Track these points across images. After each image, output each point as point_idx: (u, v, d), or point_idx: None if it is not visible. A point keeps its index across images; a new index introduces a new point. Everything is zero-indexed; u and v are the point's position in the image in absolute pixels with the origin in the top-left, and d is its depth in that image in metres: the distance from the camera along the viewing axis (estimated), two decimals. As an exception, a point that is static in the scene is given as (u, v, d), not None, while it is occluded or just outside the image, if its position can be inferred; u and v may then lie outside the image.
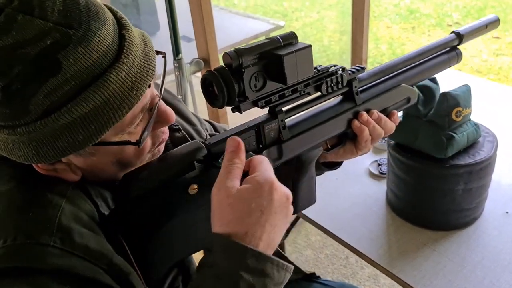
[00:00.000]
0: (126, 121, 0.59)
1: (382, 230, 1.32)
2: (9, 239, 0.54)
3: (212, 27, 1.77)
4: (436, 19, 4.96)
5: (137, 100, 0.57)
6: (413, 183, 1.25)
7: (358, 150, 0.86)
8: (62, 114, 0.53)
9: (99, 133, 0.56)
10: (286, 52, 0.64)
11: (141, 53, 0.59)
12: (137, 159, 0.67)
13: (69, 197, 0.60)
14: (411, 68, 0.90)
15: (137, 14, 2.58)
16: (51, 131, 0.54)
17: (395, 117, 0.87)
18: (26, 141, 0.55)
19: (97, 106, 0.54)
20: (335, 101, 0.82)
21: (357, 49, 2.29)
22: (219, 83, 0.62)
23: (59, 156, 0.57)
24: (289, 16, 5.42)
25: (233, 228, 0.55)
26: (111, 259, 0.58)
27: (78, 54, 0.52)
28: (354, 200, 1.44)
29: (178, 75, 1.63)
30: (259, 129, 0.71)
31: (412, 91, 0.90)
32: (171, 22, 1.56)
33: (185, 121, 0.90)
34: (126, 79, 0.55)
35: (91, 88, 0.53)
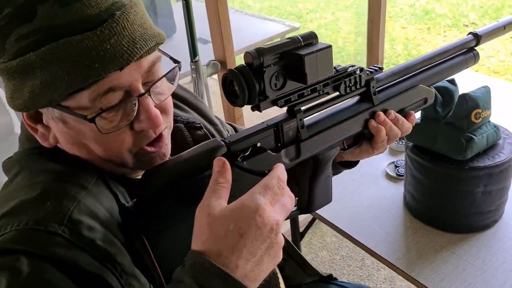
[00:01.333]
0: (85, 95, 0.59)
1: (399, 233, 1.31)
2: (22, 223, 0.56)
3: (228, 29, 1.78)
4: (452, 20, 4.91)
5: (96, 76, 0.57)
6: (431, 185, 1.25)
7: (374, 149, 0.86)
8: (25, 60, 0.58)
9: (54, 92, 0.58)
10: (307, 52, 0.64)
11: (127, 37, 0.59)
12: (110, 148, 0.65)
13: (90, 189, 0.62)
14: (428, 68, 0.90)
15: (155, 17, 2.61)
16: (18, 75, 0.59)
17: (412, 117, 0.87)
18: (7, 80, 0.62)
19: (53, 63, 0.57)
20: (353, 101, 0.82)
21: (373, 50, 2.28)
22: (240, 82, 0.62)
23: (24, 107, 0.61)
24: (303, 17, 5.41)
25: (207, 246, 0.52)
26: (115, 258, 0.59)
27: (54, 11, 0.56)
28: (371, 202, 1.43)
29: (195, 77, 1.64)
30: (278, 128, 0.71)
31: (430, 92, 0.90)
32: (188, 24, 1.57)
33: (207, 121, 0.92)
34: (91, 49, 0.56)
35: (54, 44, 0.56)
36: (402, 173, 1.49)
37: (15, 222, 0.57)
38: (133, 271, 0.61)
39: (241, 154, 0.68)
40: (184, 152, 0.68)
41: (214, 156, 0.65)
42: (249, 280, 0.52)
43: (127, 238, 0.62)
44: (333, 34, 4.98)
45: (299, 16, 5.47)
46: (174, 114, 0.86)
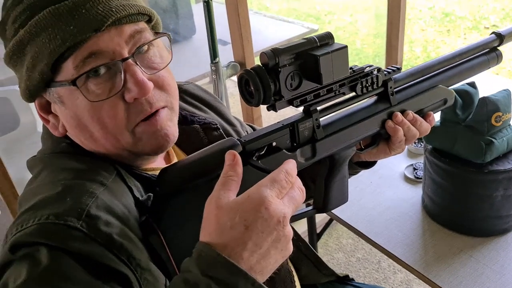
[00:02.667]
0: (69, 62, 0.63)
1: (417, 235, 1.31)
2: (43, 218, 0.59)
3: (248, 30, 1.79)
4: (472, 22, 4.85)
5: (73, 38, 0.61)
6: (450, 189, 1.24)
7: (391, 150, 0.85)
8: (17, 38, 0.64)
9: (40, 62, 0.63)
10: (322, 52, 0.65)
11: (103, 4, 0.63)
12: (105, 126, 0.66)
13: (108, 186, 0.64)
14: (449, 69, 0.90)
15: (176, 18, 2.64)
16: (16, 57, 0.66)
17: (431, 118, 0.87)
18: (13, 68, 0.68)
19: (37, 33, 0.62)
20: (370, 101, 0.82)
21: (392, 52, 2.27)
22: (256, 82, 0.64)
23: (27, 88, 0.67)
24: (321, 19, 5.41)
25: (213, 238, 0.52)
26: (131, 252, 0.61)
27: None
28: (389, 204, 1.43)
29: (215, 78, 1.66)
30: (293, 127, 0.72)
31: (449, 93, 0.90)
32: (209, 26, 1.59)
33: (226, 122, 0.93)
34: (67, 14, 0.61)
35: (37, 17, 0.62)
36: (420, 176, 1.49)
37: (37, 216, 0.59)
38: (148, 266, 0.62)
39: (256, 153, 0.69)
40: (200, 150, 0.69)
41: None
42: (255, 272, 0.52)
43: (143, 233, 0.64)
44: (351, 36, 4.97)
45: (317, 18, 5.47)
46: (192, 113, 0.88)
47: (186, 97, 0.93)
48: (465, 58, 0.91)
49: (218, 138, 0.87)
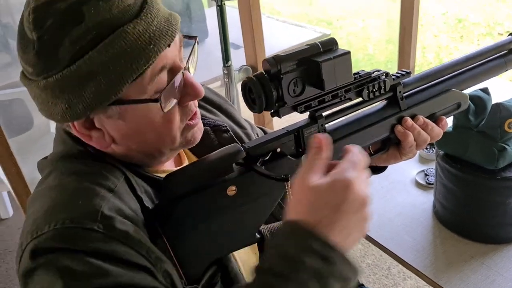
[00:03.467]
0: (146, 78, 0.63)
1: (428, 241, 1.30)
2: (59, 223, 0.59)
3: (261, 35, 1.81)
4: (486, 28, 4.82)
5: (154, 55, 0.61)
6: (462, 195, 1.24)
7: (402, 155, 0.85)
8: (85, 61, 0.60)
9: (119, 84, 0.60)
10: (324, 58, 0.65)
11: (163, 18, 0.64)
12: (166, 131, 0.69)
13: (116, 191, 0.65)
14: (463, 72, 0.88)
15: (190, 22, 2.66)
16: (77, 80, 0.60)
17: (443, 123, 0.85)
18: (59, 93, 0.62)
19: (116, 54, 0.60)
20: (379, 105, 0.81)
21: (405, 58, 2.27)
22: (258, 89, 0.64)
23: (88, 109, 0.62)
24: (333, 24, 5.41)
25: (306, 217, 0.56)
26: (149, 247, 0.62)
27: (99, 7, 0.59)
28: (399, 210, 1.43)
29: (227, 81, 1.67)
30: (298, 133, 0.72)
31: (463, 96, 0.88)
32: (222, 30, 1.61)
33: (236, 124, 0.94)
34: (144, 33, 0.61)
35: (111, 37, 0.60)
36: (432, 182, 1.48)
37: (52, 222, 0.60)
38: (164, 258, 0.64)
39: (261, 159, 0.69)
40: (204, 157, 0.71)
41: (233, 161, 0.67)
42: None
43: (150, 237, 0.65)
44: (363, 41, 4.95)
45: (329, 23, 5.47)
46: (203, 116, 0.88)
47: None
48: (480, 60, 0.89)
49: (228, 140, 0.87)
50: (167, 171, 0.77)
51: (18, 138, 2.33)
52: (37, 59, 0.61)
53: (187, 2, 2.68)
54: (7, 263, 2.53)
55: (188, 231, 0.66)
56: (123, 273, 0.58)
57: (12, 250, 2.60)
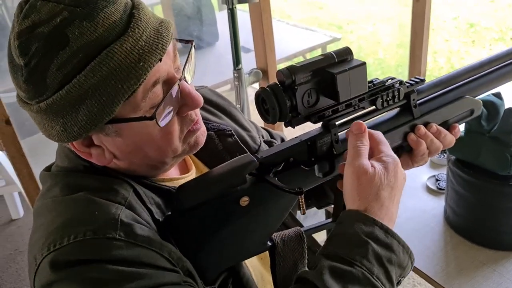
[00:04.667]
0: (138, 95, 0.60)
1: (439, 247, 1.29)
2: (80, 235, 0.59)
3: (271, 38, 1.81)
4: (498, 33, 4.78)
5: (145, 72, 0.58)
6: (474, 200, 1.22)
7: (414, 162, 0.83)
8: (74, 85, 0.57)
9: (111, 105, 0.58)
10: (339, 70, 0.64)
11: (152, 30, 0.60)
12: (166, 144, 0.68)
13: (128, 204, 0.65)
14: (476, 78, 0.86)
15: (200, 25, 2.68)
16: (69, 104, 0.59)
17: (456, 130, 0.84)
18: (53, 116, 0.61)
19: (104, 76, 0.57)
20: (392, 113, 0.80)
21: (415, 62, 2.26)
22: (272, 100, 0.63)
23: (83, 132, 0.61)
24: (343, 28, 5.40)
25: (369, 203, 0.62)
26: (171, 248, 0.63)
27: (84, 28, 0.57)
28: (410, 215, 1.42)
29: (237, 84, 1.67)
30: (311, 142, 0.71)
31: (476, 103, 0.86)
32: (233, 34, 1.61)
33: (240, 127, 0.93)
34: (132, 50, 0.58)
35: (98, 59, 0.57)
36: (443, 187, 1.47)
37: (71, 234, 0.59)
38: (185, 258, 0.64)
39: (273, 169, 0.69)
40: (217, 168, 0.70)
41: (246, 172, 0.67)
42: (392, 221, 0.65)
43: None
44: (373, 45, 4.94)
45: (339, 27, 5.46)
46: (206, 120, 0.87)
47: None
48: (494, 66, 0.87)
49: (232, 145, 0.87)
50: (174, 179, 0.77)
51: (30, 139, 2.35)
52: (26, 85, 0.60)
53: (198, 5, 2.70)
54: (17, 263, 2.55)
55: (201, 241, 0.66)
56: (151, 275, 0.58)
57: (23, 250, 2.63)
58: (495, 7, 5.24)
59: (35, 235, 0.65)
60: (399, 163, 0.65)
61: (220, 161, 0.86)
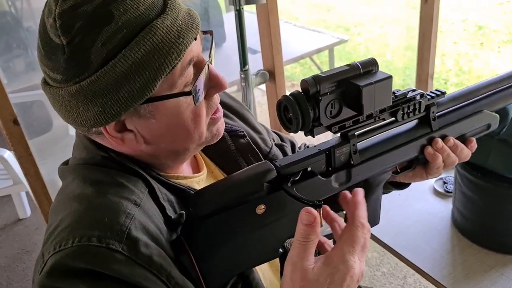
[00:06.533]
0: (176, 72, 0.63)
1: (446, 250, 1.28)
2: (84, 239, 0.59)
3: (278, 40, 1.81)
4: (507, 35, 4.75)
5: (184, 48, 0.61)
6: (482, 204, 1.21)
7: (428, 175, 0.83)
8: (118, 60, 0.59)
9: (153, 80, 0.60)
10: (365, 83, 0.63)
11: (185, 13, 0.64)
12: (195, 127, 0.69)
13: (142, 206, 0.64)
14: (495, 92, 0.85)
15: (208, 26, 2.69)
16: (111, 81, 0.59)
17: (473, 144, 0.83)
18: (92, 97, 0.60)
19: (148, 51, 0.59)
20: (410, 125, 0.79)
21: (423, 64, 2.24)
22: (295, 109, 0.62)
23: (123, 109, 0.61)
24: (351, 30, 5.39)
25: None
26: (170, 272, 0.61)
27: (127, 5, 0.59)
28: (417, 218, 1.41)
29: (244, 85, 1.67)
30: (330, 152, 0.71)
31: (494, 117, 0.85)
32: (240, 34, 1.61)
33: (252, 130, 0.93)
34: (172, 27, 0.61)
35: (142, 34, 0.59)
36: (450, 190, 1.46)
37: (76, 237, 0.59)
38: (185, 283, 0.63)
39: (291, 178, 0.68)
40: (235, 173, 0.69)
41: (264, 180, 0.66)
42: None
43: (174, 252, 0.65)
44: (381, 47, 4.93)
45: (346, 29, 5.46)
46: None
47: None
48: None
49: (245, 146, 0.87)
50: (187, 177, 0.77)
51: (38, 139, 2.37)
52: (67, 64, 0.60)
53: (205, 6, 2.70)
54: (24, 263, 2.56)
55: (215, 247, 0.66)
56: None
57: (30, 250, 2.64)
58: (504, 10, 5.21)
59: (49, 231, 0.65)
60: (352, 271, 0.59)
61: (231, 162, 0.86)
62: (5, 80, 2.07)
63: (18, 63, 2.46)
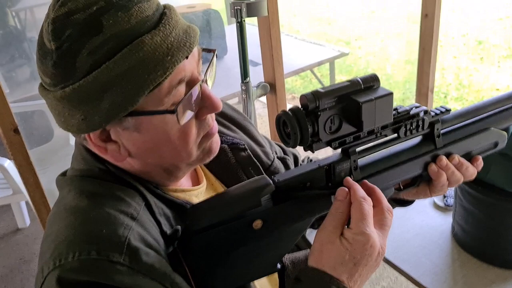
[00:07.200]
0: (163, 90, 0.61)
1: (446, 265, 1.27)
2: (84, 253, 0.58)
3: (279, 52, 1.82)
4: (506, 50, 4.78)
5: (171, 66, 0.60)
6: (482, 218, 1.21)
7: (432, 192, 0.81)
8: (102, 71, 0.59)
9: (136, 94, 0.59)
10: (365, 99, 0.62)
11: (181, 30, 0.63)
12: (182, 145, 0.68)
13: (139, 219, 0.64)
14: (503, 110, 0.83)
15: (209, 38, 2.71)
16: (94, 90, 0.59)
17: (479, 163, 0.81)
18: (76, 103, 0.61)
19: (133, 64, 0.59)
20: (414, 141, 0.78)
21: (423, 78, 2.25)
22: (293, 124, 0.62)
23: (104, 120, 0.61)
24: (351, 44, 5.42)
25: (326, 270, 0.62)
26: (174, 279, 0.61)
27: (118, 17, 0.59)
28: (417, 231, 1.40)
29: (245, 97, 1.68)
30: (330, 168, 0.70)
31: (501, 135, 0.84)
32: (241, 46, 1.62)
33: (254, 142, 0.92)
34: (161, 44, 0.60)
35: (129, 47, 0.59)
36: (450, 204, 1.46)
37: (76, 251, 0.59)
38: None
39: (290, 194, 0.68)
40: (232, 187, 0.69)
41: (262, 195, 0.65)
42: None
43: (171, 264, 0.64)
44: (381, 61, 4.96)
45: (347, 43, 5.49)
46: (221, 133, 0.86)
47: (216, 116, 0.93)
48: None
49: (245, 159, 0.86)
50: (186, 190, 0.77)
51: (38, 149, 2.37)
52: (55, 69, 0.60)
53: (207, 18, 2.72)
54: (22, 273, 2.55)
55: (211, 262, 0.65)
56: None
57: (28, 260, 2.63)
58: (504, 25, 5.25)
59: (46, 243, 0.64)
60: (371, 240, 0.62)
61: (232, 175, 0.86)
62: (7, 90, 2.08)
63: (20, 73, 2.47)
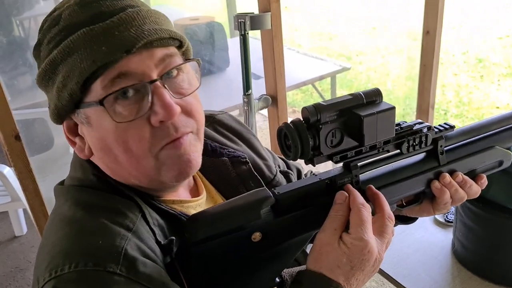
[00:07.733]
0: (101, 82, 0.62)
1: (446, 281, 1.26)
2: (80, 264, 0.58)
3: (282, 66, 1.83)
4: (506, 69, 4.81)
5: (104, 58, 0.61)
6: (484, 235, 1.20)
7: (435, 210, 0.80)
8: (50, 59, 0.64)
9: (75, 83, 0.63)
10: (367, 113, 0.62)
11: (135, 27, 0.63)
12: (121, 149, 0.65)
13: (135, 231, 0.64)
14: (508, 128, 0.83)
15: (212, 50, 2.73)
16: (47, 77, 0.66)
17: (483, 181, 0.81)
18: (44, 90, 0.69)
19: (71, 52, 0.62)
20: (417, 158, 0.77)
21: (424, 95, 2.26)
22: (294, 137, 0.62)
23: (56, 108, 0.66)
24: (353, 59, 5.46)
25: (324, 271, 0.64)
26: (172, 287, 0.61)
27: (74, 10, 0.64)
28: (417, 247, 1.39)
29: (246, 109, 1.69)
30: (331, 182, 0.70)
31: (506, 154, 0.83)
32: (244, 59, 1.63)
33: (257, 155, 0.92)
34: (99, 35, 0.62)
35: (71, 37, 0.63)
36: (451, 220, 1.45)
37: (73, 262, 0.58)
38: None
39: (290, 207, 0.67)
40: (231, 200, 0.68)
41: (261, 207, 0.65)
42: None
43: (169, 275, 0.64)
44: (382, 76, 4.98)
45: (348, 58, 5.52)
46: (223, 145, 0.87)
47: (219, 128, 0.92)
48: None
49: (246, 172, 0.85)
50: (184, 202, 0.76)
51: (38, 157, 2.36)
52: (35, 59, 0.69)
53: (210, 31, 2.75)
54: (17, 281, 2.52)
55: (208, 274, 0.65)
56: None
57: (23, 268, 2.60)
58: (504, 43, 5.29)
59: (41, 255, 0.64)
60: (369, 246, 0.64)
61: (232, 188, 0.85)
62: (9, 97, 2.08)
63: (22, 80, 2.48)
